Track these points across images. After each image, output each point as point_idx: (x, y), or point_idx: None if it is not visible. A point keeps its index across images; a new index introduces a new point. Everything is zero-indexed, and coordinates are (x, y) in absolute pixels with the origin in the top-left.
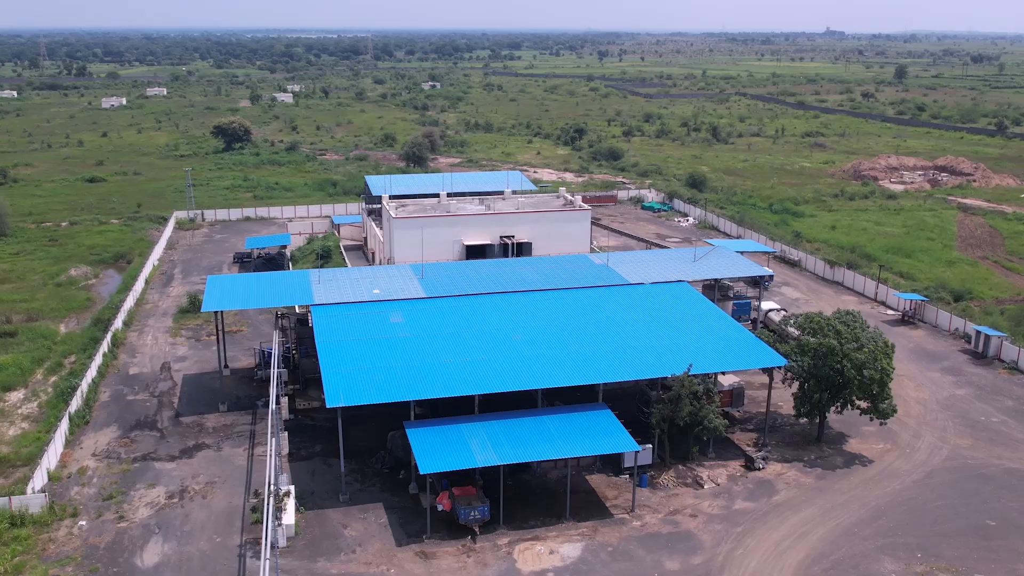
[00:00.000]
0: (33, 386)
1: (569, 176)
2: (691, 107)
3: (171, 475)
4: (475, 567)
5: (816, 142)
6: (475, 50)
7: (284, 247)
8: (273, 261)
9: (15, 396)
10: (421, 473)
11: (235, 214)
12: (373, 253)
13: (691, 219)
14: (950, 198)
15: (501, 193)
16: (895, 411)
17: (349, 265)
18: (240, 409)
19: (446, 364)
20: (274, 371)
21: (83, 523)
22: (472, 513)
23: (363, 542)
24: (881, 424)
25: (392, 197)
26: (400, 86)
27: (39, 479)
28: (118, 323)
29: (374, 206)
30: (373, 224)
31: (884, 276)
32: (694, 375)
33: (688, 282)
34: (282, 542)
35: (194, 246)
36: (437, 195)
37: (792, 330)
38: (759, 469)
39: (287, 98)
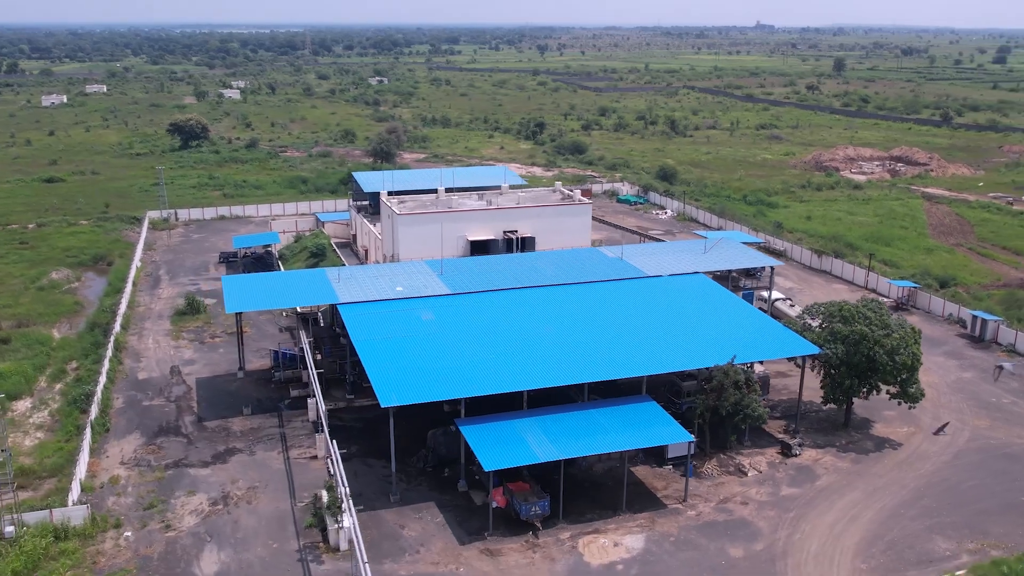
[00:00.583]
0: (39, 394)
1: (537, 171)
2: (643, 101)
3: (208, 481)
4: (543, 562)
5: (772, 134)
6: (413, 45)
7: (269, 246)
8: (261, 260)
9: (22, 405)
10: (486, 470)
11: (209, 213)
12: (366, 250)
13: (669, 212)
14: (913, 187)
15: (498, 188)
16: (923, 395)
17: (345, 263)
18: (264, 412)
19: (488, 361)
20: (312, 373)
21: (128, 534)
22: (533, 508)
23: (425, 542)
24: (910, 408)
25: (390, 193)
26: (346, 81)
27: (74, 490)
28: (117, 327)
29: (362, 202)
30: (365, 221)
31: (872, 264)
32: (738, 365)
33: (704, 273)
34: (343, 545)
35: (173, 246)
36: (435, 191)
37: (810, 320)
38: (796, 455)
39: (235, 95)
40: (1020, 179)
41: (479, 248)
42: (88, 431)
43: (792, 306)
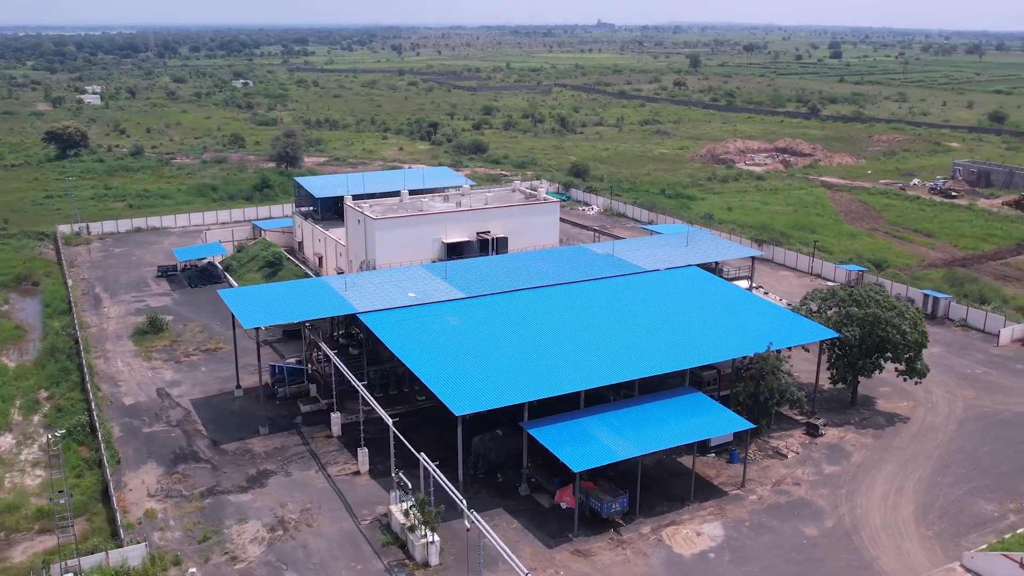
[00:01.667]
0: (19, 428)
1: (406, 169)
2: (521, 99)
3: (254, 507)
4: (637, 558)
5: (658, 129)
6: (262, 46)
7: (211, 258)
8: (206, 273)
9: (4, 441)
10: (575, 471)
11: (123, 226)
12: (320, 257)
13: (595, 208)
14: (811, 177)
15: (459, 188)
16: (928, 370)
17: (311, 273)
18: (280, 430)
19: (536, 362)
20: (362, 387)
21: (193, 570)
22: (613, 506)
23: (512, 549)
24: (916, 383)
25: (354, 197)
26: (207, 84)
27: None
28: (82, 351)
29: (306, 208)
30: (318, 227)
31: (812, 251)
32: (774, 352)
33: (697, 266)
34: (434, 560)
35: (96, 262)
36: (397, 193)
37: (812, 305)
38: (822, 435)
39: (94, 100)
40: (903, 166)
41: (454, 250)
42: (106, 464)
43: (766, 294)
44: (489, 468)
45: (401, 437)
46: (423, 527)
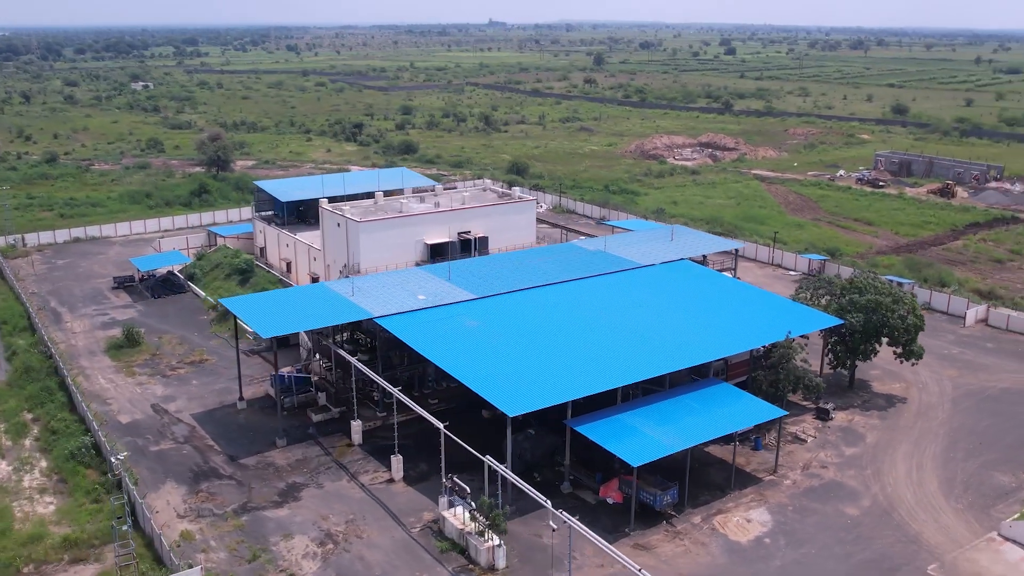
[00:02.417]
0: (12, 453)
1: (361, 171)
2: (436, 99)
3: (295, 522)
4: (697, 548)
5: (581, 126)
6: (150, 47)
7: (170, 267)
8: (169, 282)
9: (1, 470)
10: (635, 466)
11: (60, 236)
12: (287, 263)
13: (543, 205)
14: (742, 171)
15: (432, 189)
16: (923, 351)
17: (292, 280)
18: (297, 441)
19: (571, 360)
20: (398, 392)
21: None
22: (665, 498)
23: (576, 546)
24: (913, 364)
25: (331, 200)
26: (104, 87)
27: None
28: (64, 368)
29: (266, 213)
30: (284, 232)
31: (773, 242)
32: (793, 340)
33: (689, 259)
34: (501, 563)
35: (42, 275)
36: (369, 195)
37: (805, 294)
38: (832, 419)
39: None
40: (824, 158)
41: (437, 251)
42: (129, 486)
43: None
44: (525, 468)
45: (460, 442)
46: (491, 531)
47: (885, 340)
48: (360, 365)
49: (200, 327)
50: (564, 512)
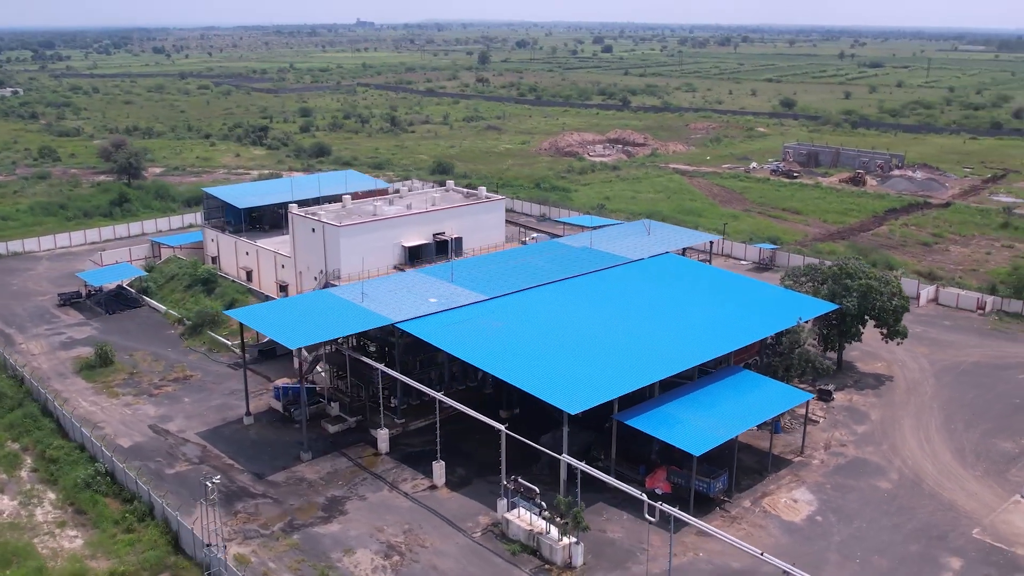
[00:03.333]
0: (11, 487)
1: (303, 176)
2: (330, 100)
3: (350, 536)
4: (756, 530)
5: (488, 125)
6: (3, 51)
7: (120, 281)
8: (122, 297)
9: (5, 504)
10: (696, 455)
11: None
12: (247, 271)
13: None
14: (660, 165)
15: (397, 191)
16: (907, 331)
17: (257, 291)
18: (321, 454)
19: (607, 355)
20: (441, 396)
21: None
22: (717, 485)
23: (640, 538)
24: (899, 344)
25: (300, 204)
26: None
27: None
28: (45, 392)
29: (217, 220)
30: (242, 239)
31: (724, 233)
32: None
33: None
34: (578, 560)
35: None
36: (329, 199)
37: (791, 281)
38: (833, 399)
39: None
40: (733, 151)
41: (415, 254)
42: (167, 510)
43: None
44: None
45: (531, 442)
46: (574, 528)
47: (872, 323)
48: (397, 374)
49: (170, 342)
50: (664, 505)
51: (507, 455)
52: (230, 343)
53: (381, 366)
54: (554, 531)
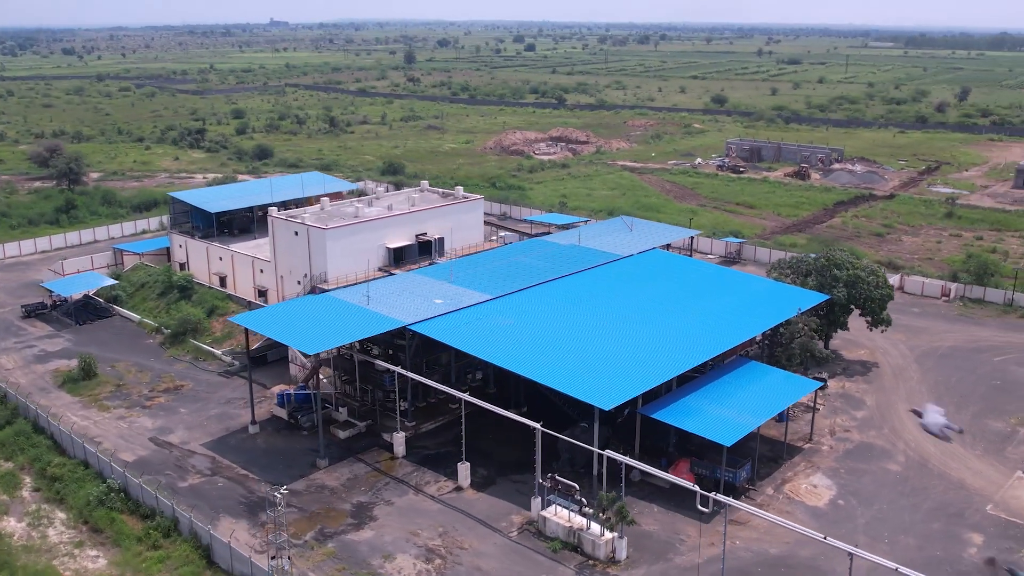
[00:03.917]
0: (15, 508)
1: (250, 178)
2: (260, 101)
3: (386, 541)
4: (783, 515)
5: (428, 125)
6: None
7: (86, 291)
8: (91, 307)
9: (14, 527)
10: (727, 446)
11: None
12: (222, 277)
13: None
14: (608, 162)
15: (374, 193)
16: (891, 319)
17: (242, 296)
18: (336, 460)
19: (625, 350)
20: (467, 397)
21: None
22: (742, 474)
23: (676, 529)
24: (883, 331)
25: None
26: None
27: None
28: (36, 408)
29: (184, 224)
30: (215, 244)
31: (689, 228)
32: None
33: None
34: (622, 554)
35: None
36: (307, 201)
37: (773, 273)
38: (827, 387)
39: None
40: (676, 147)
41: (399, 255)
42: (195, 523)
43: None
44: (586, 461)
45: (572, 440)
46: (620, 523)
47: (857, 311)
48: (419, 376)
49: (151, 352)
50: (718, 495)
51: (523, 450)
52: (219, 351)
53: (398, 369)
54: (595, 526)
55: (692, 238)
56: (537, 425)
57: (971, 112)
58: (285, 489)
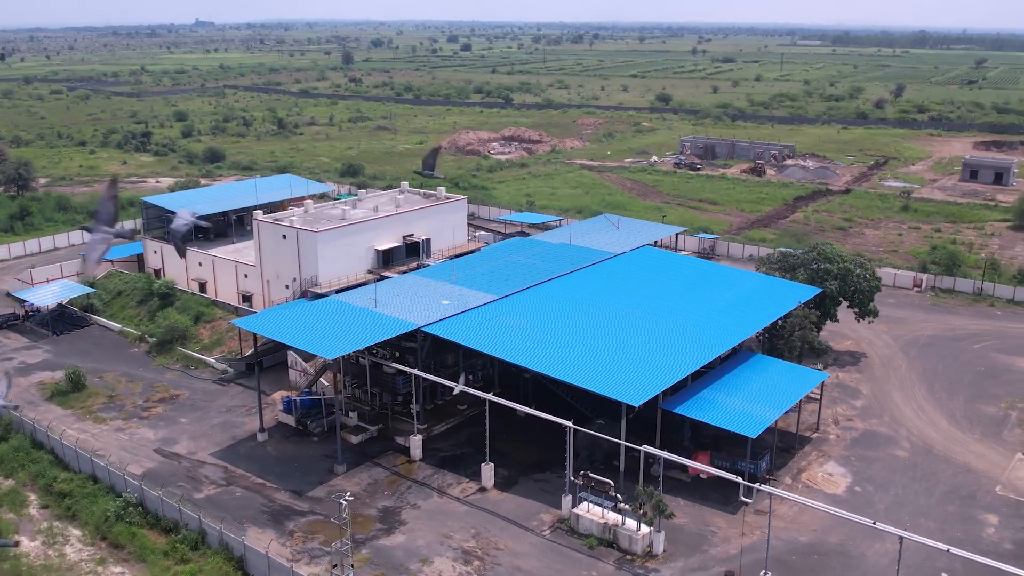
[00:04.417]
0: (27, 527)
1: (210, 182)
2: (200, 103)
3: (420, 545)
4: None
5: (378, 126)
6: None
7: (61, 300)
8: (67, 316)
9: (28, 546)
10: (752, 438)
11: None
12: (202, 284)
13: None
14: (566, 161)
15: (356, 196)
16: (878, 311)
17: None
18: (353, 465)
19: (641, 346)
20: (498, 399)
21: None
22: (763, 465)
23: (706, 521)
24: (870, 322)
25: (263, 211)
26: None
27: None
28: (32, 422)
29: (158, 230)
30: (194, 250)
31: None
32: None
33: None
34: (660, 548)
35: None
36: (288, 204)
37: (762, 268)
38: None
39: None
40: (630, 146)
41: (387, 257)
42: (225, 535)
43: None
44: (604, 457)
45: (602, 435)
46: (659, 517)
47: (845, 303)
48: (443, 379)
49: (138, 361)
50: (763, 486)
51: (540, 450)
52: (212, 358)
53: (415, 371)
54: (630, 521)
55: (676, 235)
56: (569, 423)
57: (908, 108)
58: (350, 496)
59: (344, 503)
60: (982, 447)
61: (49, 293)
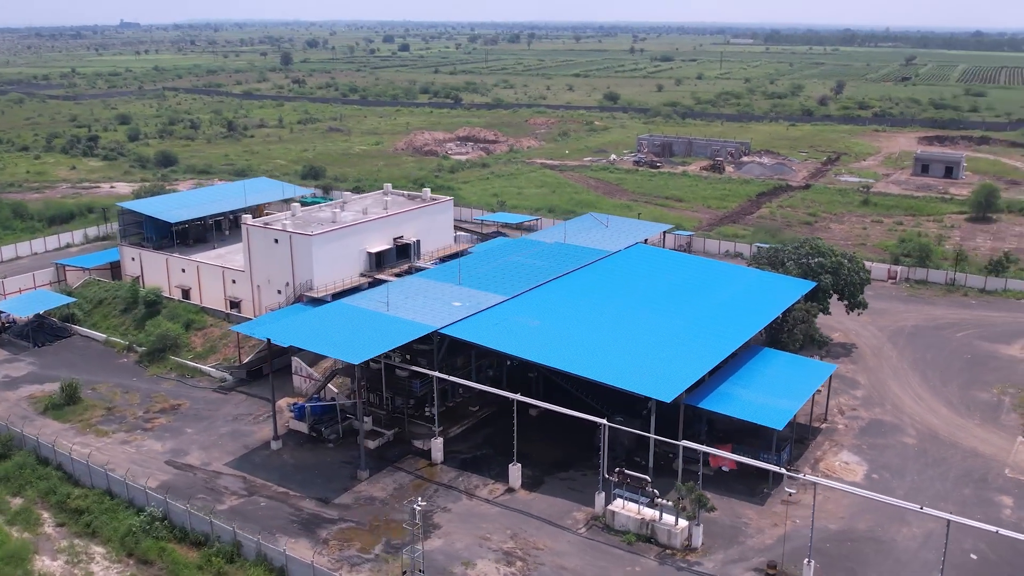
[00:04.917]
0: (45, 545)
1: (173, 188)
2: (141, 106)
3: (458, 548)
4: (829, 491)
5: (330, 127)
6: None
7: (39, 311)
8: (48, 327)
9: (49, 566)
10: (779, 429)
11: None
12: (185, 290)
13: None
14: (527, 161)
15: (341, 198)
16: (867, 303)
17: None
18: (375, 470)
19: (659, 343)
20: (523, 399)
21: None
22: (784, 456)
23: (737, 513)
24: (859, 314)
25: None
26: None
27: None
28: (38, 438)
29: (135, 236)
30: (176, 256)
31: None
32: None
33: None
34: (698, 541)
35: None
36: (258, 208)
37: (752, 264)
38: None
39: None
40: (586, 144)
41: (379, 259)
42: (261, 545)
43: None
44: (626, 453)
45: (634, 430)
46: (700, 511)
47: (835, 296)
48: (468, 382)
49: (128, 371)
50: (811, 474)
51: (561, 448)
52: (209, 366)
53: (435, 373)
54: (668, 516)
55: (664, 233)
56: (603, 421)
57: (849, 104)
58: (422, 502)
59: (417, 508)
60: (984, 432)
61: (27, 303)
